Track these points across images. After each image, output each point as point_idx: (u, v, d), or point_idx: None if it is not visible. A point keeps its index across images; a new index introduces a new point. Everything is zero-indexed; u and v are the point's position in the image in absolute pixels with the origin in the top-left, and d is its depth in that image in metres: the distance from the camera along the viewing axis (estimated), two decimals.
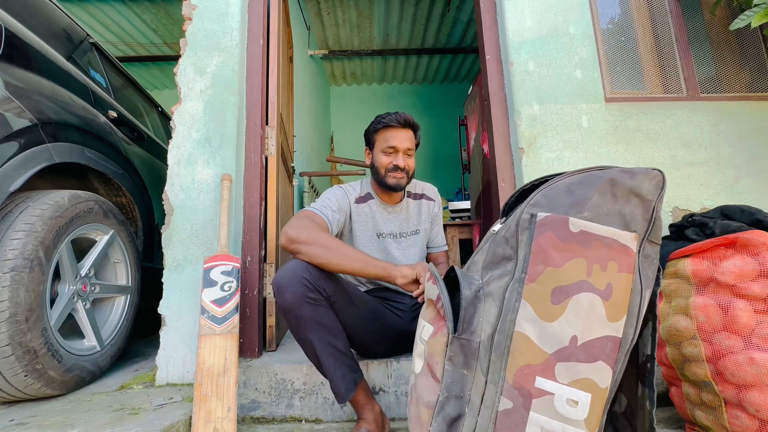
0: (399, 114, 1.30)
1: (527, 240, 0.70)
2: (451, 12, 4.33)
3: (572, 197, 0.70)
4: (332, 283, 1.09)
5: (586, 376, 0.63)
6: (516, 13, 1.72)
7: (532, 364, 0.65)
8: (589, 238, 0.67)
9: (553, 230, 0.68)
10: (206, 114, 1.58)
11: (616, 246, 0.66)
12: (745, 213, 1.15)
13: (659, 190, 0.69)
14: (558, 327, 0.65)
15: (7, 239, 1.14)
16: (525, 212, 0.72)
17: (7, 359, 1.10)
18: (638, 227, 0.68)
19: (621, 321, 0.65)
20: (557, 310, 0.65)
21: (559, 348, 0.65)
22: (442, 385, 0.71)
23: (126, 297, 1.65)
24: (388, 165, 1.29)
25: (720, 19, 1.89)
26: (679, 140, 1.66)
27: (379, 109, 6.26)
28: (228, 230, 1.40)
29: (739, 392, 0.97)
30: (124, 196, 1.80)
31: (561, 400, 0.63)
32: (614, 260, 0.66)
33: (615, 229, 0.67)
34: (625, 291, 0.65)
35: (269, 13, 1.82)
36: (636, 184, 0.68)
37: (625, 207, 0.68)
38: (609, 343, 0.64)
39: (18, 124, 1.22)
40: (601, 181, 0.70)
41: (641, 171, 0.70)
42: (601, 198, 0.69)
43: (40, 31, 1.49)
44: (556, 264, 0.67)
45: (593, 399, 0.63)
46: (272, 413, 1.34)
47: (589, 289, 0.65)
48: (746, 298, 0.99)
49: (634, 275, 0.66)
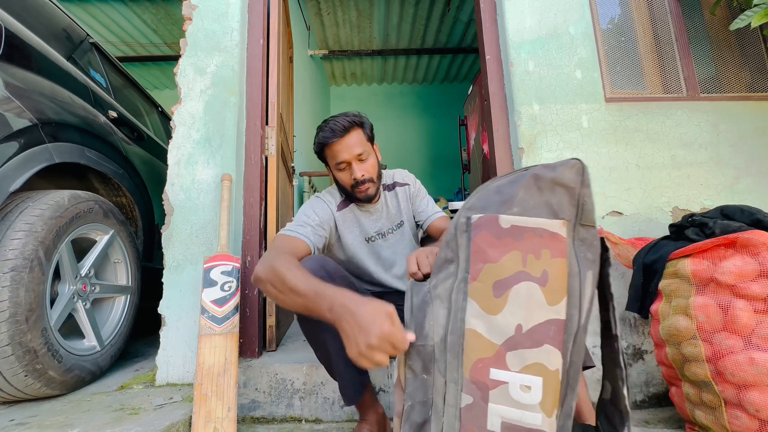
0: (333, 123, 1.17)
1: (466, 241, 0.74)
2: (451, 12, 4.33)
3: (501, 196, 0.75)
4: (345, 284, 1.08)
5: (534, 361, 0.67)
6: (516, 13, 1.72)
7: (485, 358, 0.69)
8: (521, 231, 0.71)
9: (487, 229, 0.73)
10: (206, 114, 1.58)
11: (547, 234, 0.70)
12: (745, 213, 1.15)
13: (581, 177, 0.72)
14: (503, 318, 0.69)
15: (7, 239, 1.14)
16: (462, 216, 0.77)
17: (7, 359, 1.10)
18: (566, 214, 0.72)
19: (561, 303, 0.68)
20: (500, 303, 0.69)
21: (507, 338, 0.68)
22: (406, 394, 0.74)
23: (126, 297, 1.65)
24: (350, 182, 1.20)
25: (720, 19, 1.89)
26: (679, 140, 1.66)
27: (379, 109, 6.29)
28: (228, 230, 1.40)
29: (739, 392, 0.97)
30: (124, 196, 1.80)
31: (515, 387, 0.67)
32: (547, 248, 0.70)
33: (544, 219, 0.71)
34: (562, 275, 0.69)
35: (269, 13, 1.82)
36: (558, 176, 0.72)
37: (552, 197, 0.72)
38: (552, 326, 0.67)
39: (18, 124, 1.22)
40: (525, 178, 0.74)
41: (561, 163, 0.74)
42: (527, 193, 0.73)
43: (40, 31, 1.49)
44: (493, 260, 0.71)
45: (545, 382, 0.66)
46: (272, 413, 1.34)
47: (526, 278, 0.69)
48: (746, 298, 0.99)
49: (569, 259, 0.70)
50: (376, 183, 1.23)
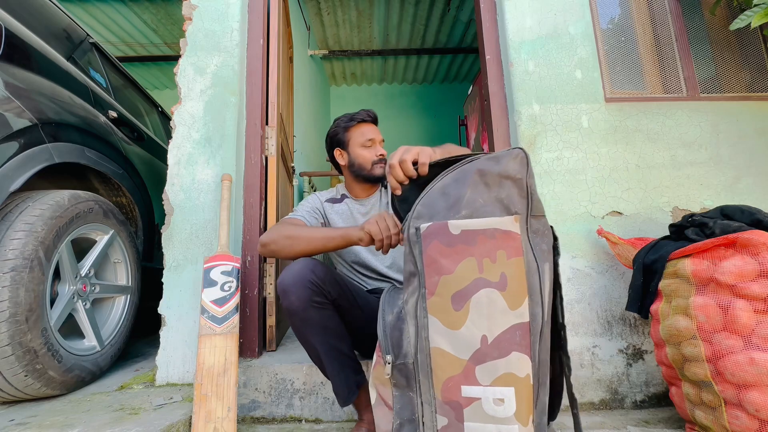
0: (367, 110, 1.38)
1: (419, 254, 0.70)
2: (451, 12, 4.33)
3: (447, 200, 0.71)
4: (337, 285, 1.09)
5: (504, 372, 0.64)
6: (516, 13, 1.72)
7: (454, 375, 0.66)
8: (472, 236, 0.67)
9: (438, 238, 0.69)
10: (206, 114, 1.58)
11: (499, 234, 0.67)
12: (745, 213, 1.15)
13: (525, 167, 0.70)
14: (467, 332, 0.66)
15: (7, 239, 1.14)
16: (411, 227, 0.72)
17: (7, 359, 1.10)
18: (518, 207, 0.69)
19: (523, 305, 0.65)
20: (461, 316, 0.66)
21: (473, 352, 0.65)
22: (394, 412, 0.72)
23: (126, 297, 1.65)
24: (372, 157, 1.33)
25: (720, 19, 1.89)
26: (679, 140, 1.66)
27: (379, 109, 6.27)
28: (228, 230, 1.40)
29: (739, 392, 0.97)
30: (124, 196, 1.80)
31: (488, 402, 0.64)
32: (502, 249, 0.66)
33: (493, 218, 0.68)
34: (520, 275, 0.66)
35: (269, 13, 1.82)
36: (503, 168, 0.70)
37: (501, 192, 0.69)
38: (517, 331, 0.65)
39: (18, 124, 1.22)
40: (470, 175, 0.70)
41: (504, 154, 0.71)
42: (474, 192, 0.69)
43: (40, 31, 1.49)
44: (448, 271, 0.67)
45: (517, 391, 0.64)
46: (272, 413, 1.34)
47: (485, 285, 0.66)
48: (746, 298, 0.99)
49: (526, 256, 0.67)
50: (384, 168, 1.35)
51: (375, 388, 0.80)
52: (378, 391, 0.79)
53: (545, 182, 1.58)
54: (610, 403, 1.41)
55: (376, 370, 0.79)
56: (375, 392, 0.80)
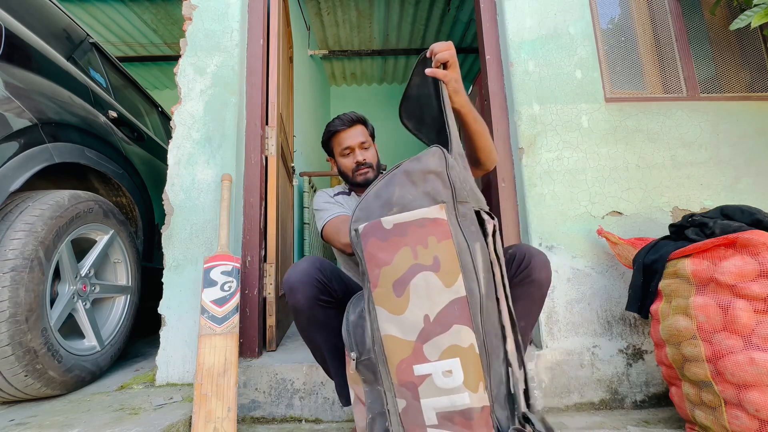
0: (342, 116, 1.35)
1: (361, 252, 0.78)
2: (451, 12, 4.33)
3: (380, 200, 0.79)
4: (343, 283, 1.09)
5: (449, 344, 0.69)
6: (516, 13, 1.72)
7: (405, 357, 0.71)
8: (404, 227, 0.75)
9: (374, 235, 0.76)
10: (206, 114, 1.58)
11: (428, 222, 0.74)
12: (745, 213, 1.15)
13: (444, 161, 0.78)
14: (410, 314, 0.72)
15: (7, 239, 1.14)
16: (351, 230, 0.80)
17: (7, 359, 1.10)
18: (444, 197, 0.77)
19: (458, 282, 0.71)
20: (403, 301, 0.72)
21: (419, 332, 0.71)
22: (366, 407, 0.77)
23: (126, 297, 1.65)
24: (351, 165, 1.34)
25: (720, 19, 1.89)
26: (679, 140, 1.66)
27: (379, 109, 6.28)
28: (228, 230, 1.40)
29: (739, 392, 0.97)
30: (124, 196, 1.80)
31: (438, 376, 0.69)
32: (432, 235, 0.73)
33: (422, 209, 0.75)
34: (451, 255, 0.72)
35: (269, 13, 1.82)
36: (424, 166, 0.78)
37: (426, 186, 0.77)
38: (455, 305, 0.70)
39: (18, 124, 1.22)
40: (397, 176, 0.79)
41: (423, 154, 0.80)
42: (402, 189, 0.78)
43: (40, 31, 1.49)
44: (386, 263, 0.74)
45: (463, 360, 0.69)
46: (272, 413, 1.34)
47: (420, 269, 0.72)
48: (746, 298, 0.99)
49: (455, 238, 0.74)
50: (375, 170, 1.36)
51: (352, 388, 0.84)
52: (354, 390, 0.83)
53: (545, 182, 1.58)
54: (610, 403, 1.41)
55: (348, 368, 0.83)
56: (352, 392, 0.84)
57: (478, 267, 0.73)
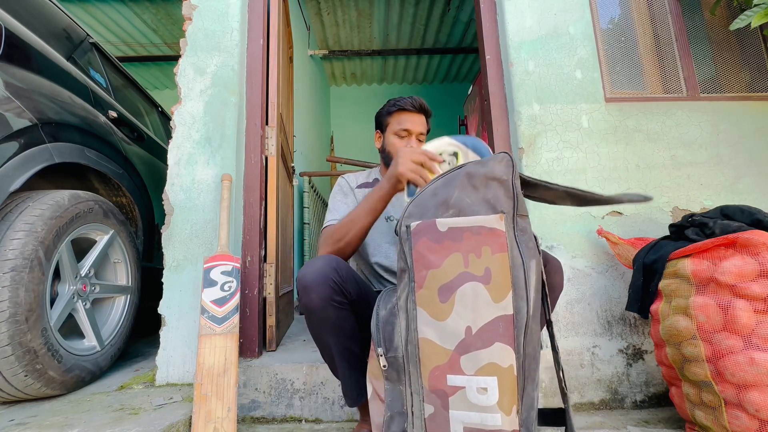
0: (414, 98, 1.29)
1: (409, 250, 0.75)
2: (451, 12, 4.33)
3: (437, 199, 0.76)
4: (356, 285, 1.07)
5: (488, 362, 0.67)
6: (516, 13, 1.72)
7: (440, 365, 0.69)
8: (459, 233, 0.71)
9: (426, 235, 0.73)
10: (206, 114, 1.58)
11: (485, 231, 0.70)
12: (745, 213, 1.15)
13: (511, 169, 0.74)
14: (452, 322, 0.69)
15: (7, 239, 1.14)
16: (402, 225, 0.78)
17: (7, 359, 1.10)
18: (504, 207, 0.73)
19: (507, 298, 0.68)
20: (447, 308, 0.70)
21: (458, 342, 0.68)
22: (386, 405, 0.75)
23: (126, 297, 1.65)
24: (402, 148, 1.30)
25: (720, 19, 1.89)
26: (679, 140, 1.66)
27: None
28: (228, 230, 1.40)
29: (739, 392, 0.97)
30: (124, 196, 1.80)
31: (472, 391, 0.67)
32: (486, 245, 0.70)
33: (479, 216, 0.72)
34: (504, 269, 0.69)
35: (269, 13, 1.82)
36: (489, 170, 0.74)
37: (487, 192, 0.74)
38: (501, 323, 0.67)
39: (18, 124, 1.22)
40: (458, 178, 0.76)
41: (491, 158, 0.76)
42: (462, 192, 0.74)
43: (40, 31, 1.49)
44: (435, 265, 0.71)
45: (500, 380, 0.66)
46: (272, 413, 1.34)
47: (470, 278, 0.69)
48: (746, 298, 0.99)
49: (511, 252, 0.70)
50: None
51: (370, 383, 0.83)
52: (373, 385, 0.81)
53: None
54: (610, 403, 1.41)
55: (370, 364, 0.81)
56: (371, 386, 0.83)
57: (530, 286, 0.70)
